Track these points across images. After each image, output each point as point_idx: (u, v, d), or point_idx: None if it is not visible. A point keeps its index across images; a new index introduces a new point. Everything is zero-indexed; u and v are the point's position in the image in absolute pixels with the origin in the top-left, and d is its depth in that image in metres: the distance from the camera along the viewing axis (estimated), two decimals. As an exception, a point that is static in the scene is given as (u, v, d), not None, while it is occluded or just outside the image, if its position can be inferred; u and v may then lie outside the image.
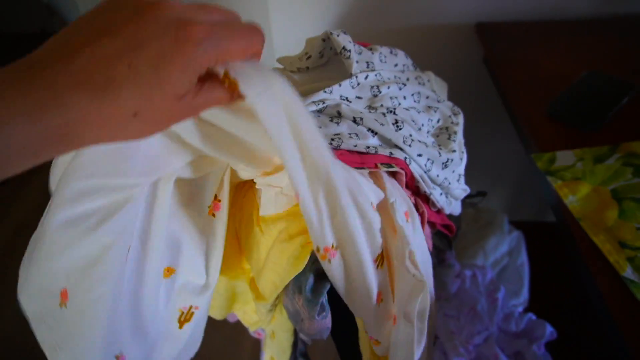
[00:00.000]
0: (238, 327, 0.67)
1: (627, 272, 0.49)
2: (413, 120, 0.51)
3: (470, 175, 0.63)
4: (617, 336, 0.47)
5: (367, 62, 0.53)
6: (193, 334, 0.42)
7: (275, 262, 0.41)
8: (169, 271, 0.39)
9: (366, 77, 0.51)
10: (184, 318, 0.41)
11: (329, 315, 0.40)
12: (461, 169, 0.54)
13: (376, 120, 0.47)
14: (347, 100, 0.49)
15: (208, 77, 0.26)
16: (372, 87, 0.51)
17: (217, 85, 0.26)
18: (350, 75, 0.50)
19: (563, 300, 0.82)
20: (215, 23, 0.25)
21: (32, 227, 0.33)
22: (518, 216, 0.95)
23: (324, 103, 0.47)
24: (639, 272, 0.49)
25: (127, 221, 0.33)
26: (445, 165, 0.51)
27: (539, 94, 0.75)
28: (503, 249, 0.83)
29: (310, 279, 0.39)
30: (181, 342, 0.41)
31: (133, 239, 0.35)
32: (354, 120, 0.47)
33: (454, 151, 0.52)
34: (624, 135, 0.64)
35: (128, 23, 0.23)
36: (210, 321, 0.49)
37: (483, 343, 0.72)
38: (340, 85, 0.49)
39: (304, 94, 0.50)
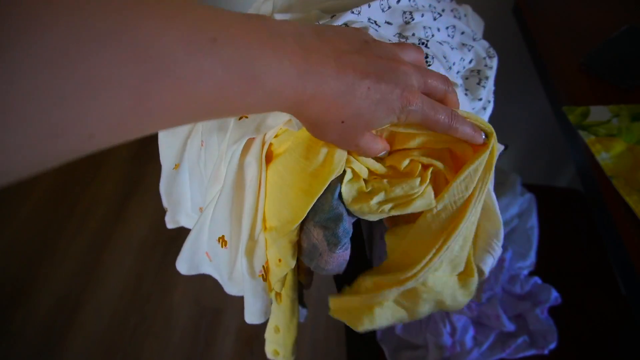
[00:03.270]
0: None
1: (660, 235, 0.46)
2: (445, 57, 0.45)
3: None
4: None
5: None
6: None
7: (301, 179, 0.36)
8: None
9: (398, 1, 0.45)
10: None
11: (349, 246, 0.37)
12: (484, 119, 0.49)
13: None
14: (376, 24, 0.43)
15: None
16: (404, 12, 0.45)
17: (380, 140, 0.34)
18: None
19: (570, 267, 0.80)
20: (428, 99, 0.32)
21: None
22: (526, 179, 0.91)
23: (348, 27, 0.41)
24: (672, 236, 0.45)
25: None
26: None
27: (573, 46, 0.69)
28: (514, 211, 0.80)
29: (341, 207, 0.35)
30: None
31: None
32: None
33: (480, 99, 0.47)
34: (664, 94, 0.60)
35: (381, 59, 0.30)
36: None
37: (486, 302, 0.70)
38: (369, 6, 0.43)
39: (329, 10, 0.45)
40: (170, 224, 0.57)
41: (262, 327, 0.47)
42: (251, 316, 0.46)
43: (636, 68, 0.63)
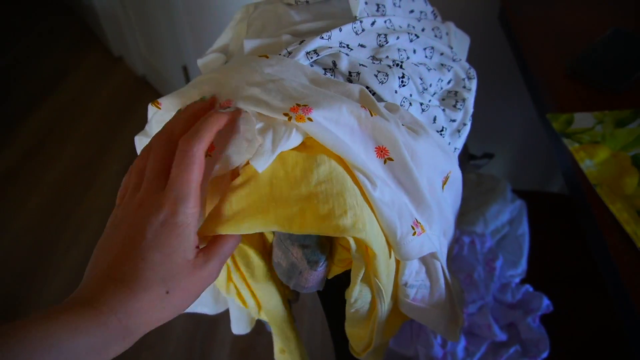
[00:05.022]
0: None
1: (645, 245, 0.45)
2: (421, 79, 0.44)
3: (472, 138, 0.57)
4: (629, 309, 0.43)
5: (377, 5, 0.46)
6: None
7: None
8: None
9: (373, 23, 0.44)
10: None
11: (326, 263, 0.37)
12: (459, 142, 0.48)
13: (376, 76, 0.41)
14: (348, 48, 0.43)
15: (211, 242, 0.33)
16: (378, 35, 0.44)
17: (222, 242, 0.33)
18: (354, 18, 0.44)
19: (562, 274, 0.79)
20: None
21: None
22: (518, 185, 0.90)
23: (317, 55, 0.40)
24: (658, 245, 0.45)
25: None
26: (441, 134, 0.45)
27: (559, 51, 0.69)
28: (504, 218, 0.79)
29: None
30: None
31: None
32: (349, 78, 0.41)
33: (453, 120, 0.47)
34: (649, 99, 0.59)
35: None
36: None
37: (477, 312, 0.69)
38: (340, 30, 0.42)
39: (300, 34, 0.44)
40: None
41: (258, 338, 0.57)
42: (236, 327, 0.55)
43: (619, 72, 0.62)
